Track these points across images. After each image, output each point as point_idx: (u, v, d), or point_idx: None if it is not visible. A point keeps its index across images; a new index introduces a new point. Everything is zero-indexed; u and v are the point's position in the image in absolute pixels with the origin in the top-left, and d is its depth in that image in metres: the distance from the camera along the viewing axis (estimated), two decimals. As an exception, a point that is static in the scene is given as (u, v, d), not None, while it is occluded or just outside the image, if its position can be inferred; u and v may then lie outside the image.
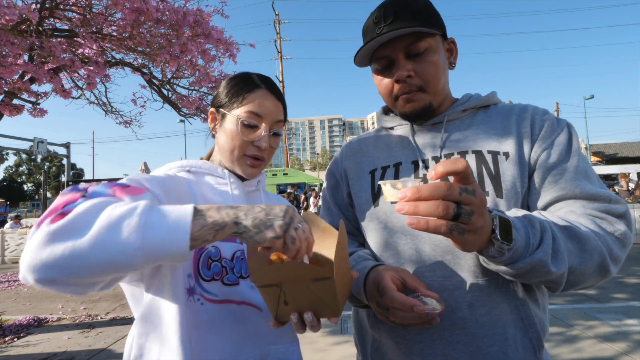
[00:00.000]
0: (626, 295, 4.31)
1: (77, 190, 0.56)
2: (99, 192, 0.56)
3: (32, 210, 42.11)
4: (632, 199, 9.99)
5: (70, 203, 0.52)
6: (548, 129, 0.76)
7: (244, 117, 0.80)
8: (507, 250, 0.58)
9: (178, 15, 3.36)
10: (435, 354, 0.72)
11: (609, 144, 29.07)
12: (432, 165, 0.80)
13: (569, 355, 2.81)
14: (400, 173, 0.83)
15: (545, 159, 0.73)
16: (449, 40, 0.84)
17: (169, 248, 0.50)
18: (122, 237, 0.48)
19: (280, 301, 0.62)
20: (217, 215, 0.55)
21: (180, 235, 0.50)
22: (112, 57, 4.07)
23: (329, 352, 3.03)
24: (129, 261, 0.49)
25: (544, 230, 0.61)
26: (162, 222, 0.50)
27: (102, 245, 0.48)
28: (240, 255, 0.78)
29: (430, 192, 0.51)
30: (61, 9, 3.33)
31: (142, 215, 0.50)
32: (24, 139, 15.55)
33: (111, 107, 4.88)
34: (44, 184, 16.90)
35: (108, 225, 0.49)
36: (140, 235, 0.49)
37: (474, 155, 0.77)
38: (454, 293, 0.71)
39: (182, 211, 0.53)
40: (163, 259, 0.52)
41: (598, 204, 0.69)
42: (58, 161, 58.04)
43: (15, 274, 7.41)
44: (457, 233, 0.52)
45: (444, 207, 0.50)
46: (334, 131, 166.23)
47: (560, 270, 0.61)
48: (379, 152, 0.90)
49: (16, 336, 3.70)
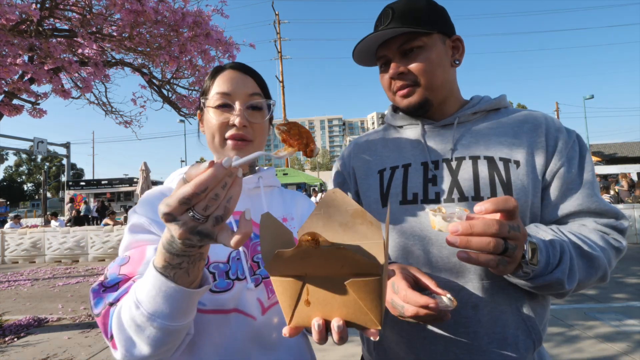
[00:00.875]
0: (626, 295, 4.31)
1: (102, 291, 0.61)
2: (113, 281, 0.62)
3: (32, 210, 42.08)
4: (632, 199, 9.99)
5: (107, 315, 0.58)
6: (563, 144, 0.78)
7: (214, 100, 0.78)
8: (531, 271, 0.63)
9: (177, 16, 3.36)
10: (437, 350, 0.75)
11: (608, 144, 29.06)
12: (443, 167, 0.81)
13: (569, 355, 2.81)
14: (410, 174, 0.83)
15: (563, 174, 0.76)
16: (454, 37, 0.85)
17: (187, 307, 0.54)
18: (155, 332, 0.54)
19: (301, 300, 0.47)
20: (179, 258, 0.49)
21: (181, 296, 0.52)
22: (112, 57, 4.07)
23: (329, 352, 3.03)
24: (181, 333, 0.56)
25: (563, 252, 0.66)
26: (159, 303, 0.52)
27: (156, 343, 0.54)
28: (237, 256, 0.73)
29: (483, 229, 0.55)
30: (61, 9, 3.33)
31: (142, 312, 0.53)
32: (24, 139, 15.58)
33: (111, 107, 4.89)
34: (44, 184, 16.90)
35: (134, 330, 0.54)
36: (160, 322, 0.53)
37: (486, 161, 0.78)
38: (459, 294, 0.74)
39: (156, 280, 0.51)
40: (192, 308, 0.56)
41: (606, 219, 0.75)
42: (58, 161, 58.07)
43: (15, 274, 7.41)
44: (501, 266, 0.57)
45: (494, 244, 0.55)
46: (334, 131, 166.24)
47: (572, 286, 0.67)
48: (388, 152, 0.91)
49: (16, 336, 3.70)
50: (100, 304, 0.59)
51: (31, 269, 7.91)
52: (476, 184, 0.76)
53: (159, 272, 0.50)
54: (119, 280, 0.62)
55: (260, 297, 0.73)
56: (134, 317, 0.53)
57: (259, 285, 0.74)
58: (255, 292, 0.72)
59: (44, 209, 16.22)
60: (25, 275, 7.27)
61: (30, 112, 3.83)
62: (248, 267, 0.74)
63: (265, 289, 0.74)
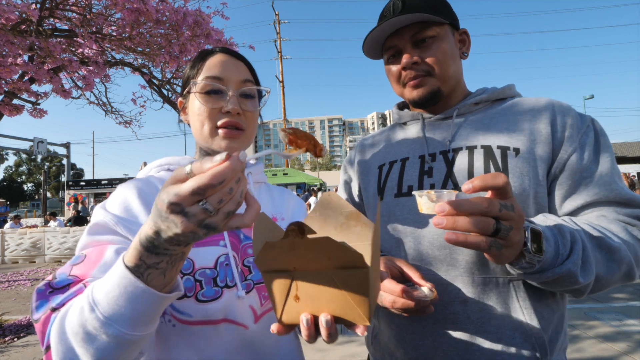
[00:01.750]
0: (626, 295, 4.31)
1: (46, 295, 0.53)
2: (62, 282, 0.54)
3: (32, 210, 42.10)
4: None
5: (47, 322, 0.50)
6: (573, 130, 0.72)
7: (204, 84, 0.71)
8: (537, 261, 0.57)
9: (178, 16, 3.36)
10: (425, 345, 0.73)
11: (609, 144, 28.98)
12: (439, 159, 0.79)
13: (569, 355, 2.80)
14: (407, 167, 0.83)
15: (575, 162, 0.70)
16: (461, 31, 0.85)
17: (152, 312, 0.48)
18: (105, 344, 0.46)
19: (290, 295, 0.47)
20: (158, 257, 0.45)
21: (149, 299, 0.46)
22: (112, 57, 4.07)
23: (329, 352, 3.02)
24: (135, 347, 0.48)
25: (574, 241, 0.60)
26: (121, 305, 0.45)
27: (105, 356, 0.47)
28: (225, 261, 0.66)
29: (471, 207, 0.50)
30: (61, 9, 3.33)
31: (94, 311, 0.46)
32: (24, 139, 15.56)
33: (111, 107, 4.88)
34: (44, 184, 16.90)
35: (81, 339, 0.46)
36: (116, 329, 0.46)
37: (483, 150, 0.75)
38: (448, 288, 0.71)
39: (122, 279, 0.45)
40: (156, 316, 0.49)
41: (630, 209, 0.68)
42: (58, 161, 58.07)
43: (15, 274, 7.41)
44: (495, 249, 0.52)
45: (484, 224, 0.50)
46: (334, 131, 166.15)
47: (587, 280, 0.60)
48: (389, 148, 0.91)
49: (16, 336, 3.69)
50: (42, 308, 0.51)
51: (31, 269, 7.91)
52: (470, 173, 0.73)
53: (130, 270, 0.44)
54: (69, 282, 0.54)
55: (253, 305, 0.67)
56: (85, 321, 0.46)
57: (250, 291, 0.67)
58: (246, 299, 0.66)
59: (44, 209, 16.21)
60: (25, 275, 7.26)
61: (30, 112, 3.83)
62: (239, 273, 0.67)
63: (258, 295, 0.68)
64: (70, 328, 0.47)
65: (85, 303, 0.46)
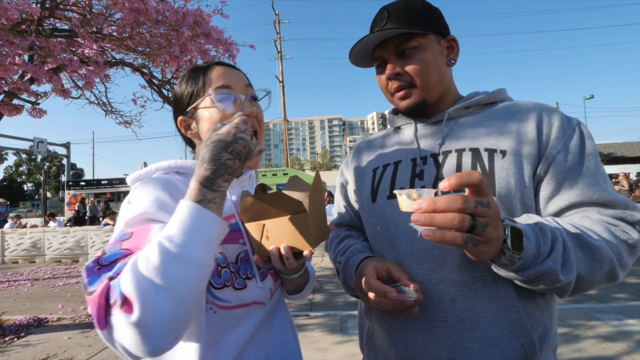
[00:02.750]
0: (626, 295, 4.31)
1: (97, 269, 0.56)
2: (113, 257, 0.57)
3: (32, 210, 42.08)
4: (632, 199, 10.00)
5: (107, 292, 0.52)
6: (559, 131, 0.73)
7: (216, 93, 0.76)
8: (518, 259, 0.58)
9: (178, 16, 3.36)
10: (416, 344, 0.74)
11: (608, 144, 29.05)
12: (430, 162, 0.81)
13: (570, 355, 2.81)
14: (399, 170, 0.85)
15: (559, 163, 0.71)
16: (449, 38, 0.86)
17: (215, 235, 0.58)
18: (183, 264, 0.52)
19: (263, 236, 0.70)
20: (214, 193, 0.60)
21: (211, 222, 0.57)
22: (112, 57, 4.07)
23: (329, 352, 3.03)
24: (206, 267, 0.55)
25: (555, 239, 0.61)
26: (196, 230, 0.55)
27: (181, 280, 0.52)
28: (245, 257, 0.78)
29: (446, 204, 0.52)
30: (61, 8, 3.33)
31: (172, 241, 0.53)
32: (24, 139, 15.57)
33: (111, 107, 4.88)
34: (44, 184, 16.90)
35: (163, 268, 0.51)
36: (191, 249, 0.54)
37: (471, 153, 0.77)
38: (437, 287, 0.72)
39: (192, 210, 0.56)
40: (217, 244, 0.60)
41: (613, 210, 0.69)
42: (58, 161, 58.07)
43: (15, 274, 7.41)
44: (471, 245, 0.54)
45: (459, 220, 0.52)
46: (334, 131, 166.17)
47: (568, 278, 0.61)
48: (384, 152, 0.93)
49: (16, 336, 3.70)
50: (95, 282, 0.53)
51: (31, 269, 7.91)
52: None
53: (196, 202, 0.57)
54: (120, 256, 0.57)
55: (270, 286, 0.81)
56: (164, 251, 0.51)
57: (265, 279, 0.80)
58: (265, 284, 0.80)
59: (44, 209, 16.22)
60: (25, 275, 7.27)
61: (30, 112, 3.83)
62: (255, 266, 0.79)
63: (272, 278, 0.82)
64: (149, 266, 0.51)
65: (162, 239, 0.53)
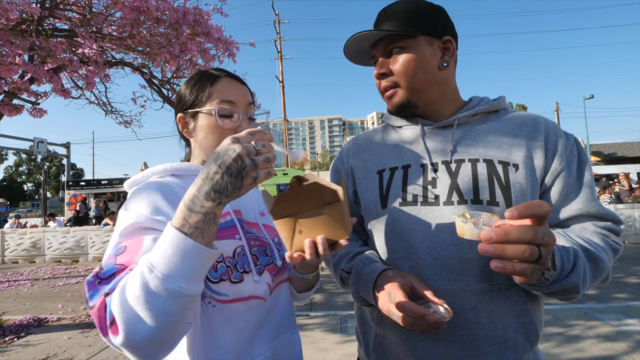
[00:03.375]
0: (626, 295, 4.31)
1: (97, 283, 0.60)
2: (110, 271, 0.60)
3: (32, 210, 42.07)
4: (632, 199, 10.02)
5: (104, 308, 0.56)
6: (563, 148, 0.78)
7: (218, 108, 0.80)
8: (550, 277, 0.62)
9: (178, 15, 3.36)
10: (437, 352, 0.75)
11: (608, 144, 29.06)
12: (442, 169, 0.80)
13: (570, 355, 2.81)
14: (409, 175, 0.83)
15: (563, 179, 0.77)
16: (444, 39, 0.83)
17: (200, 265, 0.56)
18: (165, 295, 0.53)
19: (295, 231, 0.67)
20: (200, 215, 0.55)
21: (196, 254, 0.54)
22: (112, 57, 4.07)
23: (329, 352, 3.02)
24: (190, 294, 0.55)
25: (577, 256, 0.66)
26: (172, 263, 0.54)
27: (162, 310, 0.53)
28: (242, 251, 0.78)
29: (519, 236, 0.52)
30: (61, 8, 3.33)
31: (153, 272, 0.53)
32: (24, 139, 15.55)
33: (111, 107, 4.88)
34: (44, 184, 16.90)
35: (144, 300, 0.53)
36: (172, 282, 0.53)
37: (485, 164, 0.78)
38: (459, 296, 0.73)
39: (173, 241, 0.54)
40: (203, 272, 0.57)
41: (604, 222, 0.77)
42: (58, 161, 58.07)
43: (15, 274, 7.41)
44: (534, 274, 0.55)
45: (530, 252, 0.53)
46: (334, 131, 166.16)
47: (585, 289, 0.67)
48: (387, 152, 0.90)
49: (16, 336, 3.70)
50: (95, 296, 0.57)
51: (31, 269, 7.92)
52: (475, 187, 0.76)
53: (178, 230, 0.54)
54: (116, 271, 0.60)
55: (268, 282, 0.81)
56: (145, 283, 0.53)
57: (262, 273, 0.80)
58: (262, 278, 0.80)
59: (44, 209, 16.21)
60: (25, 275, 7.27)
61: (30, 112, 3.83)
62: (251, 261, 0.80)
63: (270, 274, 0.82)
64: (132, 294, 0.53)
65: (144, 268, 0.54)
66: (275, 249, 0.85)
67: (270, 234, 0.88)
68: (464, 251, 0.73)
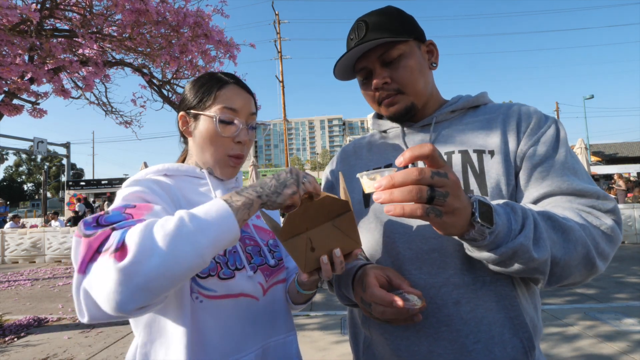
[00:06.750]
0: (626, 295, 4.31)
1: (95, 225, 0.58)
2: (116, 218, 0.60)
3: (32, 210, 42.05)
4: (632, 199, 10.04)
5: (105, 239, 0.55)
6: (535, 126, 0.77)
7: (220, 114, 0.81)
8: (489, 233, 0.58)
9: (178, 16, 3.36)
10: (421, 351, 0.73)
11: (608, 144, 29.06)
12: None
13: (569, 354, 2.81)
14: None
15: (531, 156, 0.74)
16: (427, 42, 0.87)
17: (227, 237, 0.58)
18: (190, 244, 0.54)
19: (307, 249, 0.65)
20: (243, 198, 0.61)
21: (231, 224, 0.58)
22: (112, 58, 4.07)
23: (329, 351, 3.03)
24: (204, 260, 0.55)
25: (525, 217, 0.62)
26: (210, 221, 0.56)
27: (180, 256, 0.53)
28: (232, 249, 0.79)
29: (403, 178, 0.52)
30: (61, 9, 3.33)
31: (192, 222, 0.55)
32: (24, 139, 15.56)
33: (111, 107, 4.89)
34: (44, 184, 16.91)
35: (172, 238, 0.53)
36: (203, 236, 0.55)
37: (460, 154, 0.78)
38: (440, 290, 0.72)
39: (217, 206, 0.59)
40: (223, 248, 0.59)
41: (585, 199, 0.70)
42: (58, 161, 58.08)
43: (15, 274, 7.41)
44: (434, 215, 0.53)
45: (417, 191, 0.52)
46: (334, 131, 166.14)
47: (542, 256, 0.61)
48: (372, 155, 0.93)
49: (16, 336, 3.70)
50: (93, 229, 0.57)
51: (31, 269, 7.92)
52: None
53: (224, 201, 0.60)
54: (122, 219, 0.59)
55: (260, 281, 0.81)
56: (179, 226, 0.54)
57: (255, 272, 0.81)
58: (255, 277, 0.80)
59: (44, 209, 16.22)
60: (25, 275, 7.27)
61: (30, 112, 3.83)
62: (245, 258, 0.81)
63: (262, 274, 0.82)
64: (161, 230, 0.53)
65: (185, 214, 0.56)
66: (268, 251, 0.86)
67: (262, 236, 0.88)
68: (444, 244, 0.72)
